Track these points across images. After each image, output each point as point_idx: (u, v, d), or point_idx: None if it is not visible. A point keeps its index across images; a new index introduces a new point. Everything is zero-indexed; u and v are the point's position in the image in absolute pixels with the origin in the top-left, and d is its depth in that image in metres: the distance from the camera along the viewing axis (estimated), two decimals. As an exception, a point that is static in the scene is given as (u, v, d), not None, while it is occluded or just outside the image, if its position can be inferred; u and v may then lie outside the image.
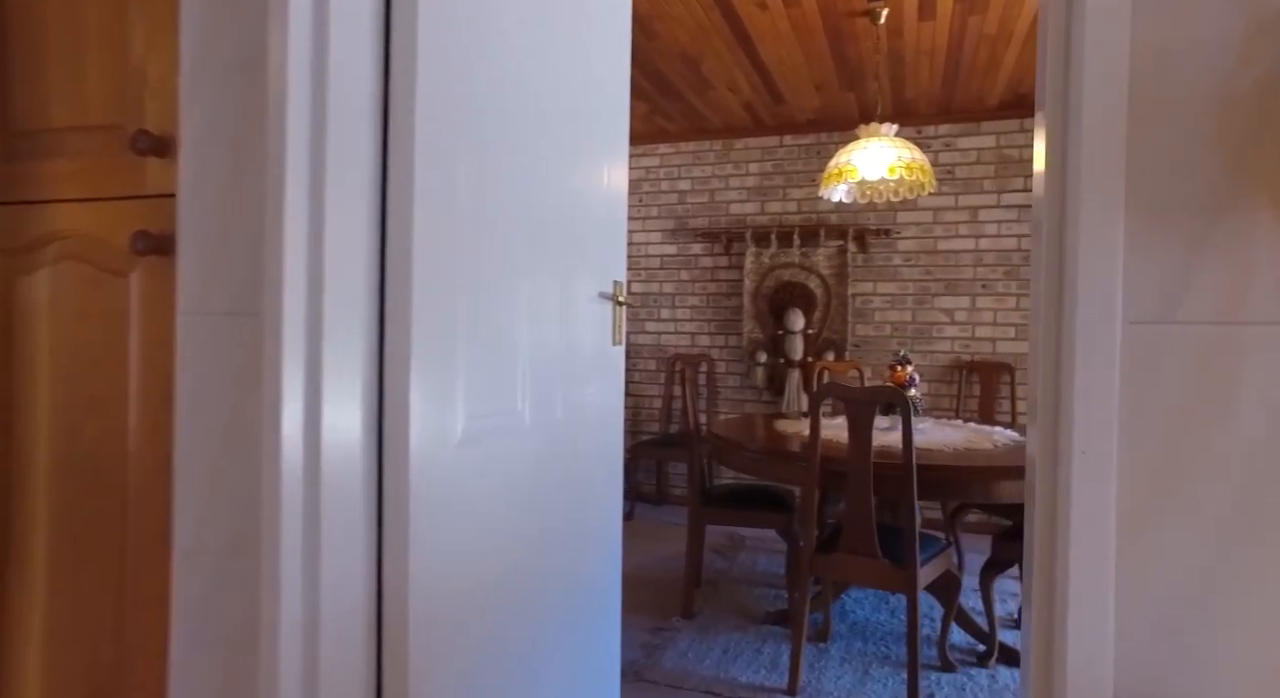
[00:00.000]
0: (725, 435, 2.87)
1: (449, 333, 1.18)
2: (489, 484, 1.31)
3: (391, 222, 1.08)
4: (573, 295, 1.61)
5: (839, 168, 2.94)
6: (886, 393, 2.26)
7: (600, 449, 1.80)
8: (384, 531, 1.07)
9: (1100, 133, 0.70)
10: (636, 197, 5.10)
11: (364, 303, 1.04)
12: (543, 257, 1.48)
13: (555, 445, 1.54)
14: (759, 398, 4.85)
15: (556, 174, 1.54)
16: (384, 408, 1.08)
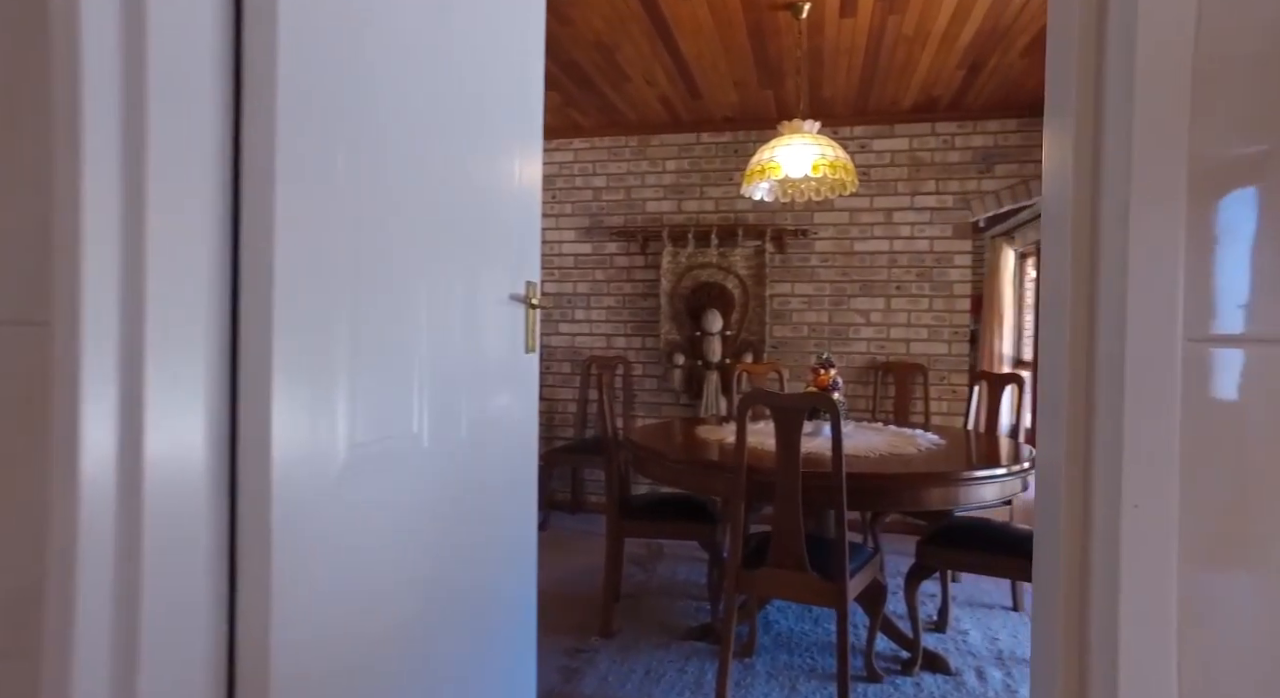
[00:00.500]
0: (644, 444, 2.72)
1: (326, 341, 0.96)
2: (381, 519, 1.10)
3: (247, 208, 0.86)
4: (480, 298, 1.42)
5: (761, 164, 2.84)
6: (816, 400, 2.17)
7: (512, 469, 1.61)
8: (238, 587, 0.85)
9: (1158, 123, 0.55)
10: (550, 193, 4.89)
11: (208, 304, 0.82)
12: (446, 255, 1.28)
13: (460, 468, 1.34)
14: (677, 401, 4.74)
15: (462, 164, 1.34)
16: (238, 433, 0.86)
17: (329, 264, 0.96)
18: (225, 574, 0.85)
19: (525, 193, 1.68)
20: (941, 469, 2.30)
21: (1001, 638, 2.89)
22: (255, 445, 0.84)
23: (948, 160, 4.32)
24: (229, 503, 0.85)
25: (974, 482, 2.26)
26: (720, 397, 4.50)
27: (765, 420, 3.19)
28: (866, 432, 3.04)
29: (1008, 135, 4.24)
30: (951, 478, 2.24)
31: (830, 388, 2.90)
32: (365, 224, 1.04)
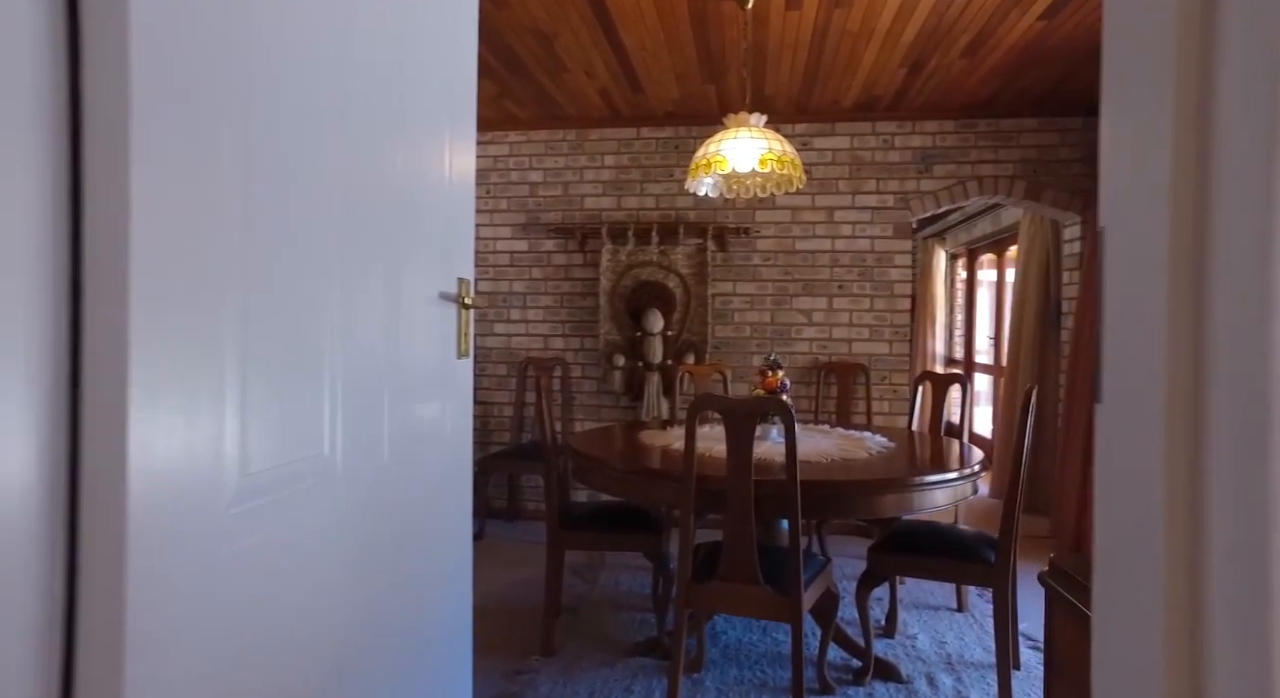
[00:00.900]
0: (586, 451, 2.58)
1: (207, 349, 0.79)
2: (286, 561, 0.92)
3: (91, 194, 0.68)
4: (406, 297, 1.25)
5: (707, 158, 2.73)
6: (769, 405, 2.07)
7: (444, 488, 1.44)
8: (76, 674, 0.67)
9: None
10: (484, 187, 4.68)
11: (34, 305, 0.64)
12: (363, 250, 1.11)
13: (383, 493, 1.17)
14: (617, 403, 4.60)
15: (383, 150, 1.17)
16: (80, 466, 0.67)
17: (209, 260, 0.79)
18: (58, 658, 0.67)
19: (458, 184, 1.52)
20: (895, 475, 2.23)
21: (949, 641, 2.87)
22: (103, 481, 0.66)
23: (888, 160, 4.32)
24: (66, 558, 0.67)
25: (927, 487, 2.20)
26: (662, 399, 4.38)
27: (711, 424, 3.09)
28: (814, 435, 2.97)
29: (945, 136, 4.27)
30: (905, 484, 2.17)
31: (779, 390, 2.82)
32: (259, 215, 0.87)
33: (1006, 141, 4.23)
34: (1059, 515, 4.16)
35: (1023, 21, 3.02)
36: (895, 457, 2.58)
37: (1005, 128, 4.22)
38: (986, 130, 4.24)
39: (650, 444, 2.78)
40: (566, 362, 4.62)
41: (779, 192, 3.00)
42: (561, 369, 4.61)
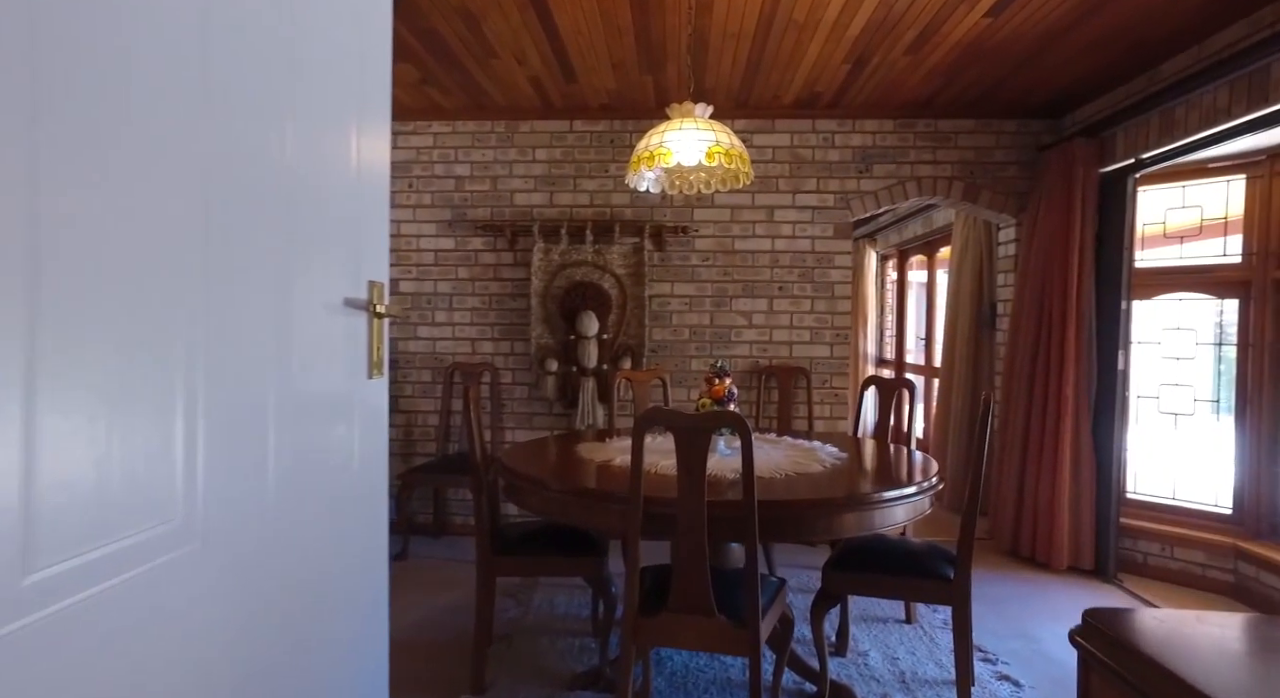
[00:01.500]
0: (520, 470, 2.34)
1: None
2: (115, 676, 0.67)
3: None
4: (300, 306, 1.00)
5: (650, 150, 2.53)
6: (724, 419, 1.88)
7: (350, 530, 1.20)
8: None
9: None
10: (406, 181, 4.36)
11: None
12: (242, 248, 0.87)
13: (268, 550, 0.92)
14: (550, 411, 4.37)
15: (269, 135, 0.93)
16: None
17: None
18: None
19: (368, 176, 1.28)
20: (855, 492, 2.09)
21: (901, 657, 2.76)
22: None
23: (828, 159, 4.23)
24: None
25: (887, 504, 2.06)
26: (598, 406, 4.17)
27: (654, 434, 2.89)
28: (763, 445, 2.81)
29: (885, 135, 4.21)
30: (866, 501, 2.03)
31: (727, 399, 2.65)
32: (63, 205, 0.62)
33: (944, 143, 4.19)
34: (997, 517, 4.16)
35: (969, 17, 2.95)
36: (850, 470, 2.44)
37: (943, 129, 4.19)
38: (925, 131, 4.19)
39: (589, 459, 2.57)
40: (496, 367, 4.35)
41: (725, 188, 2.84)
42: (491, 375, 4.34)
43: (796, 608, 3.20)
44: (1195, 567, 3.60)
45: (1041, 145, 4.11)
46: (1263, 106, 2.87)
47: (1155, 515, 3.82)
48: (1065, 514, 3.76)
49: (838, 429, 4.28)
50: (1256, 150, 3.49)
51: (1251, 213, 3.60)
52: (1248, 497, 3.58)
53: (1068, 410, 3.74)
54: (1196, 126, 3.20)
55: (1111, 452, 3.70)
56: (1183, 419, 3.82)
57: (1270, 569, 3.28)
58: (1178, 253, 3.83)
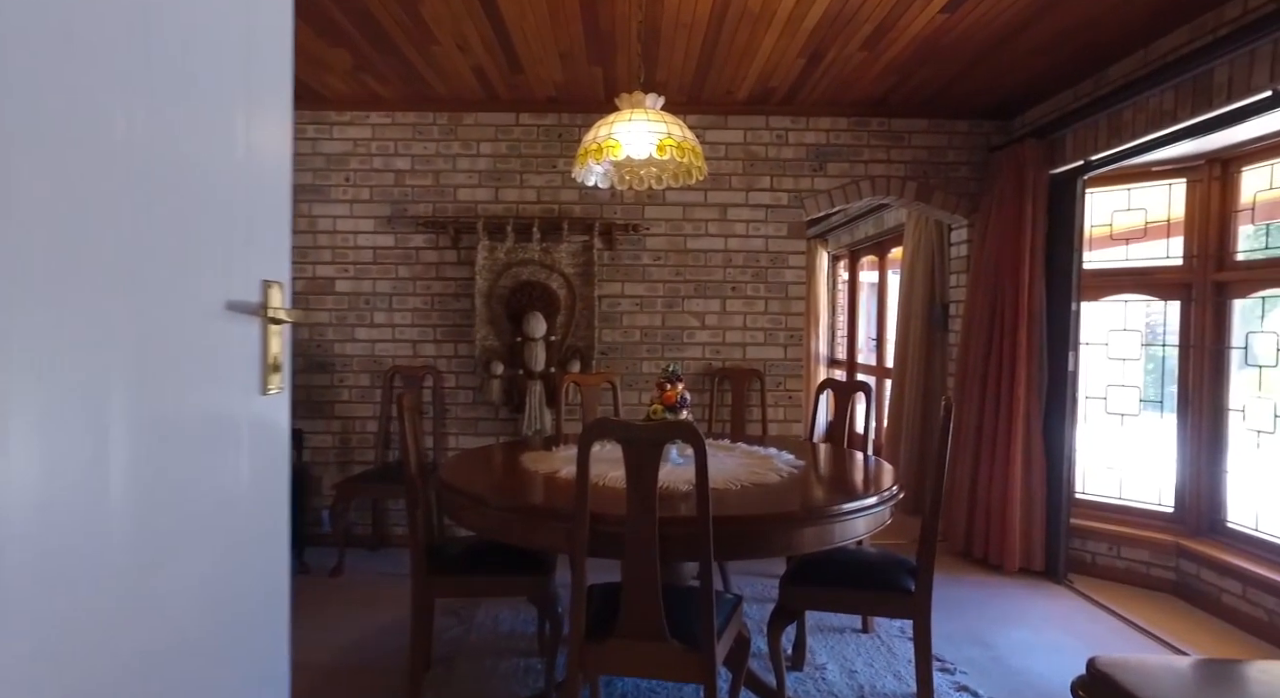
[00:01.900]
0: (458, 485, 2.17)
1: None
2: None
3: None
4: (167, 310, 0.83)
5: (598, 142, 2.39)
6: (677, 430, 1.76)
7: (240, 584, 1.02)
8: None
9: None
10: (342, 174, 4.13)
11: None
12: (78, 239, 0.69)
13: (100, 639, 0.75)
14: (495, 416, 4.19)
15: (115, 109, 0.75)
16: None
17: None
18: None
19: (261, 162, 1.10)
20: (814, 505, 1.99)
21: (859, 669, 2.68)
22: None
23: (782, 156, 4.15)
24: None
25: (847, 516, 1.96)
26: (545, 410, 4.01)
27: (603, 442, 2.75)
28: (717, 453, 2.70)
29: (839, 134, 4.15)
30: (825, 514, 1.92)
31: (679, 405, 2.52)
32: None
33: (898, 142, 4.15)
34: (949, 519, 4.14)
35: (926, 12, 2.89)
36: (808, 480, 2.34)
37: (897, 128, 4.15)
38: (879, 130, 4.15)
39: (533, 470, 2.41)
40: (438, 370, 4.15)
41: (676, 183, 2.71)
42: (433, 379, 4.13)
43: (752, 618, 3.10)
44: (1140, 565, 3.63)
45: (993, 146, 4.10)
46: (1206, 110, 2.88)
47: (1103, 515, 3.84)
48: (1017, 516, 3.75)
49: (792, 433, 4.21)
50: (1196, 155, 3.53)
51: (1191, 216, 3.65)
52: (1188, 495, 3.62)
53: (1019, 411, 3.73)
54: (1143, 129, 3.20)
55: (1062, 453, 3.70)
56: (1128, 419, 3.85)
57: (1210, 566, 3.32)
58: (1124, 255, 3.86)
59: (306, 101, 4.04)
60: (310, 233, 4.12)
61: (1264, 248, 3.33)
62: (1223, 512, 3.50)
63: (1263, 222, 3.34)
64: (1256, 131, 3.15)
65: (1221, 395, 3.53)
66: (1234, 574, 3.19)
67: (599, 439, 1.77)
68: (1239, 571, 3.16)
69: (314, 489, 4.13)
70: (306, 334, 4.13)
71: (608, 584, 2.11)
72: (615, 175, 2.75)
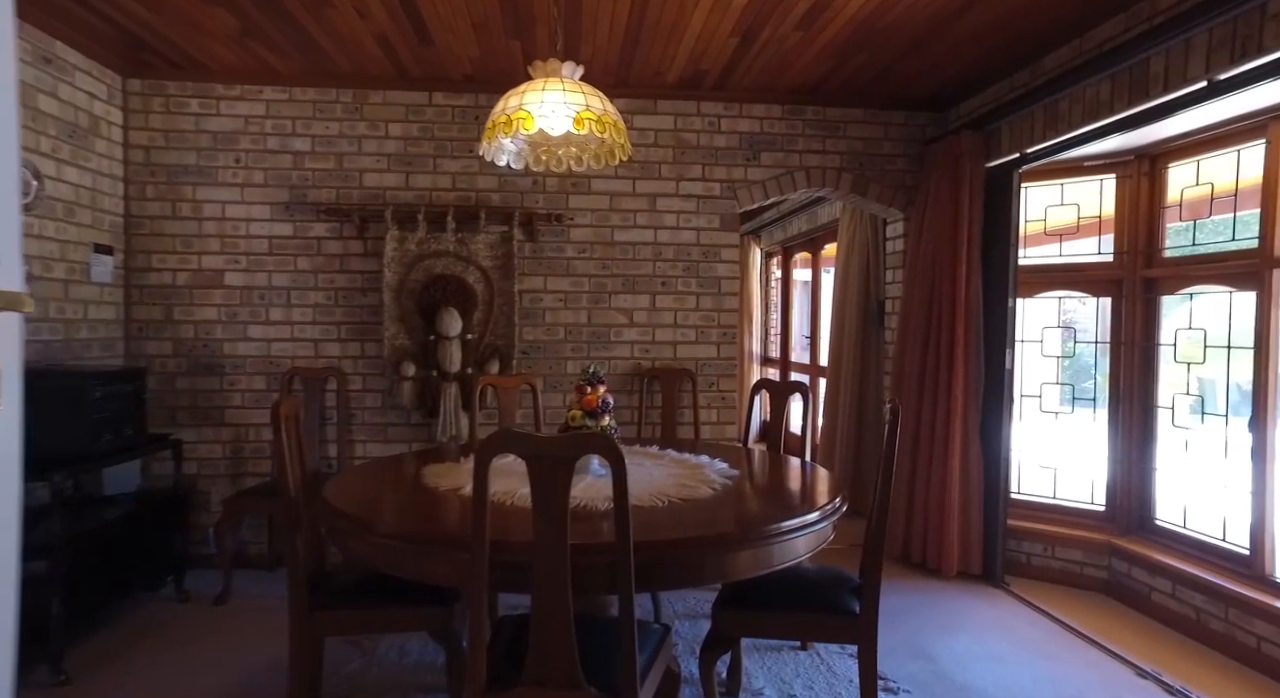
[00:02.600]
0: (341, 505, 1.87)
1: None
2: None
3: None
4: None
5: (507, 115, 2.12)
6: (591, 445, 1.50)
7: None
8: None
9: None
10: (232, 155, 3.71)
11: None
12: None
13: None
14: (407, 421, 3.85)
15: None
16: None
17: None
18: None
19: None
20: (751, 524, 1.77)
21: (798, 692, 2.48)
22: None
23: (714, 144, 3.95)
24: None
25: (787, 537, 1.75)
26: (462, 415, 3.70)
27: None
28: (643, 462, 2.46)
29: (773, 122, 3.97)
30: (763, 535, 1.71)
31: (600, 409, 2.28)
32: None
33: (833, 132, 4.01)
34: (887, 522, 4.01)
35: (864, -11, 2.72)
36: (743, 493, 2.13)
37: (832, 117, 4.00)
38: (814, 118, 3.99)
39: (434, 487, 2.12)
40: (343, 372, 3.79)
41: (598, 165, 2.46)
42: (337, 381, 3.77)
43: (683, 637, 2.88)
44: (1074, 565, 3.58)
45: (928, 139, 4.00)
46: (1143, 101, 2.80)
47: (1037, 515, 3.78)
48: (955, 519, 3.65)
49: (725, 435, 4.01)
50: (1125, 150, 3.50)
51: (1121, 212, 3.61)
52: (1119, 493, 3.59)
53: (957, 411, 3.63)
54: (1080, 121, 3.12)
55: (999, 453, 3.62)
56: (1061, 417, 3.80)
57: (1140, 565, 3.28)
58: (1057, 251, 3.81)
59: (188, 71, 3.62)
60: (195, 220, 3.69)
61: (1190, 245, 3.31)
62: (1152, 509, 3.48)
63: (1189, 219, 3.32)
64: (1183, 127, 3.11)
65: (1151, 392, 3.50)
66: (1163, 572, 3.15)
67: (500, 452, 1.50)
68: (1168, 569, 3.12)
69: (200, 505, 3.70)
70: (192, 333, 3.70)
71: (522, 616, 1.84)
72: (530, 155, 2.48)
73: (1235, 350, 3.04)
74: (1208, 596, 2.92)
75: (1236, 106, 2.80)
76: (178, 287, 3.68)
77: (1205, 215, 3.21)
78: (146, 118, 3.63)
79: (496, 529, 1.60)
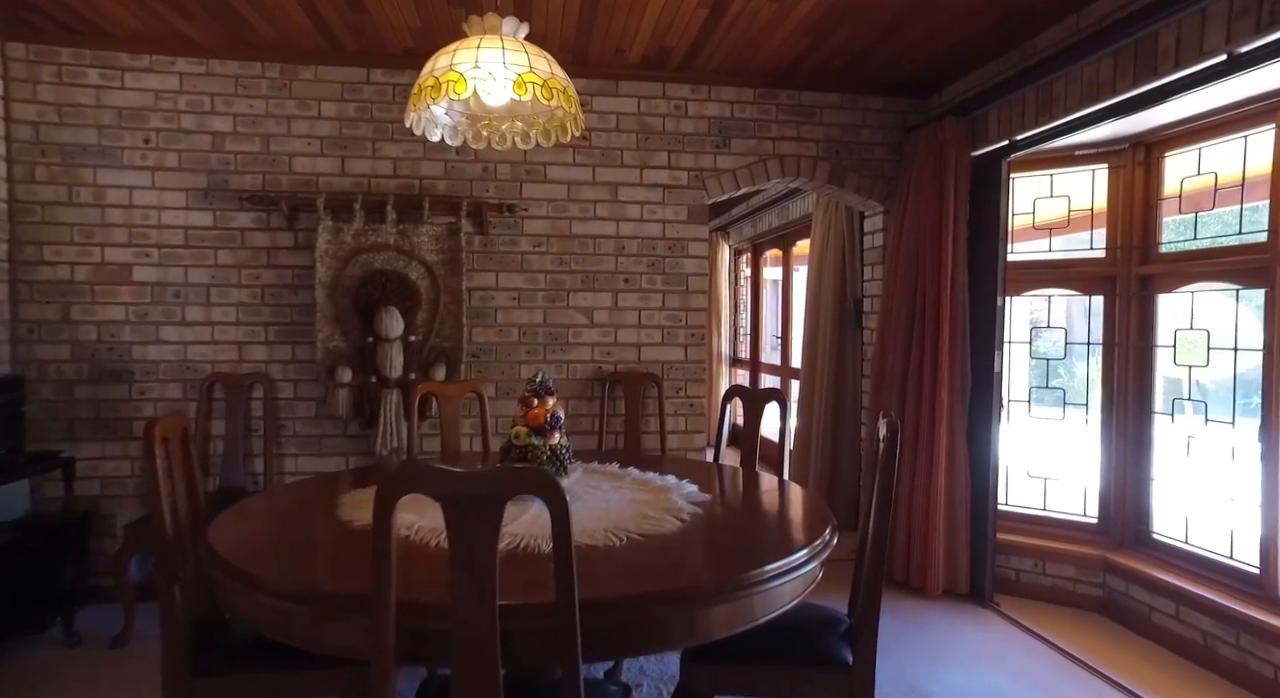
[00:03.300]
0: (224, 552, 1.51)
1: None
2: None
3: None
4: None
5: (435, 76, 1.78)
6: (523, 482, 1.18)
7: None
8: None
9: None
10: (140, 134, 3.30)
11: None
12: None
13: None
14: (344, 432, 3.47)
15: None
16: None
17: None
18: None
19: None
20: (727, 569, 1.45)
21: (776, 744, 2.18)
22: None
23: (680, 130, 3.64)
24: None
25: (771, 583, 1.44)
26: (404, 425, 3.34)
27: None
28: (601, 485, 2.14)
29: (745, 106, 3.67)
30: (743, 585, 1.40)
31: (549, 426, 1.95)
32: None
33: (809, 118, 3.73)
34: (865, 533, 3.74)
35: (847, -51, 2.43)
36: (715, 524, 1.81)
37: (808, 102, 3.72)
38: (788, 103, 3.70)
39: (351, 522, 1.77)
40: (271, 378, 3.40)
41: (547, 141, 2.13)
42: (264, 389, 3.38)
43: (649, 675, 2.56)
44: (1066, 582, 3.35)
45: (909, 126, 3.74)
46: (1150, 79, 2.56)
47: (1026, 528, 3.54)
48: (940, 533, 3.39)
49: (694, 445, 3.71)
50: (1119, 138, 3.27)
51: (1115, 204, 3.39)
52: (1113, 504, 3.37)
53: (942, 417, 3.37)
54: (1076, 104, 2.87)
55: (987, 463, 3.37)
56: (1051, 422, 3.57)
57: (1139, 583, 3.05)
58: (1045, 247, 3.58)
59: (85, 37, 3.20)
60: (96, 207, 3.27)
61: (1191, 239, 3.09)
62: (1149, 522, 3.26)
63: (1190, 211, 3.10)
64: (1182, 113, 2.89)
65: (1147, 397, 3.28)
66: (1165, 592, 2.92)
67: (409, 491, 1.17)
68: (1170, 588, 2.89)
69: (103, 530, 3.29)
70: (94, 335, 3.28)
71: (443, 681, 1.50)
72: (469, 129, 2.14)
73: (1242, 353, 2.82)
74: (1216, 619, 2.69)
75: (1244, 89, 2.58)
76: (76, 283, 3.25)
77: (1208, 208, 2.99)
78: (34, 89, 3.19)
79: (412, 584, 1.26)
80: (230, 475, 3.34)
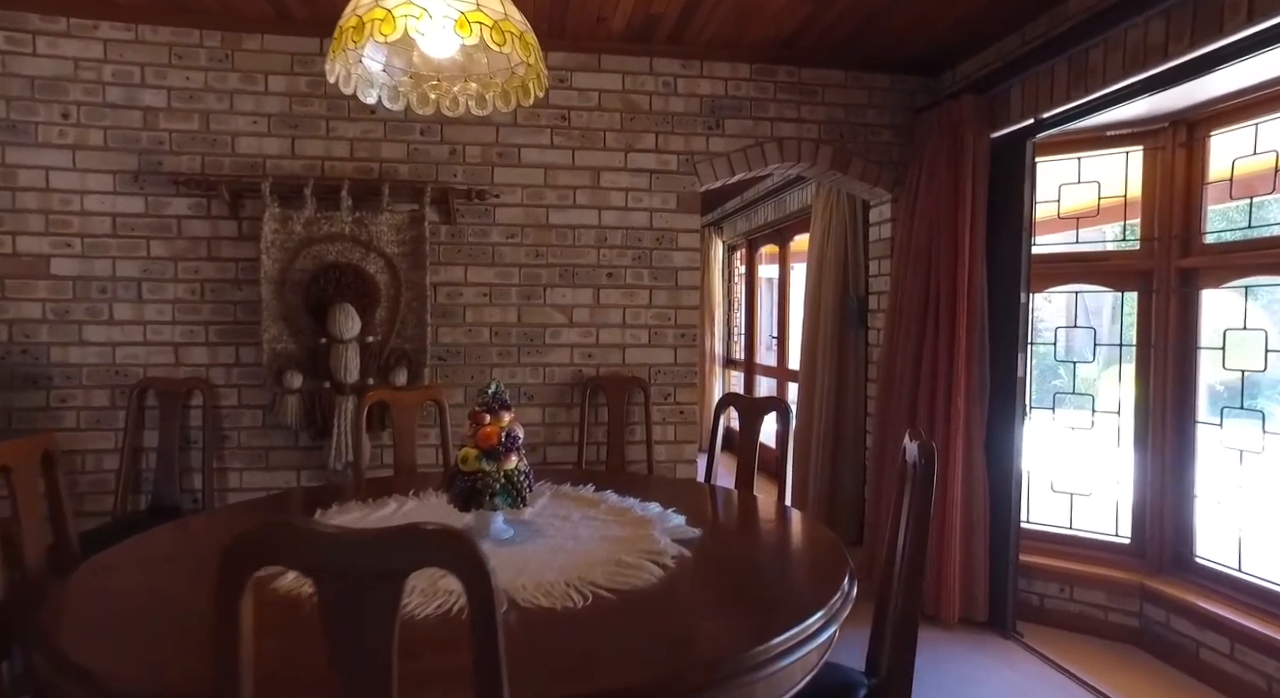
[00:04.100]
0: (58, 639, 1.15)
1: None
2: None
3: None
4: None
5: (358, 16, 1.42)
6: (429, 547, 0.82)
7: None
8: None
9: None
10: (59, 108, 2.93)
11: None
12: None
13: None
14: (294, 443, 3.11)
15: None
16: None
17: None
18: None
19: None
20: (721, 653, 1.09)
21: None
22: None
23: (669, 109, 3.29)
24: None
25: (780, 660, 1.10)
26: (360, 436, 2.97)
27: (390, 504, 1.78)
28: (570, 514, 1.78)
29: (740, 83, 3.32)
30: (745, 668, 1.05)
31: (505, 446, 1.59)
32: None
33: (810, 97, 3.38)
34: (874, 556, 3.41)
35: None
36: (706, 576, 1.46)
37: (808, 80, 3.37)
38: (787, 81, 3.36)
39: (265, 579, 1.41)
40: (212, 384, 3.04)
41: (505, 105, 1.78)
42: (204, 396, 3.02)
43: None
44: (1097, 610, 3.01)
45: (919, 107, 3.40)
46: (1214, 38, 2.20)
47: (1051, 549, 3.21)
48: (957, 554, 3.05)
49: (684, 456, 3.36)
50: (1156, 116, 2.94)
51: (1151, 190, 3.05)
52: (1149, 523, 3.03)
53: (958, 426, 3.03)
54: (1118, 73, 2.53)
55: (1009, 476, 3.03)
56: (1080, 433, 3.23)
57: (1183, 614, 2.71)
58: (1073, 238, 3.24)
59: (-7, 0, 2.82)
60: (6, 190, 2.89)
61: (1245, 227, 2.75)
62: (1191, 544, 2.92)
63: (1242, 197, 2.76)
64: (1233, 86, 2.55)
65: (1189, 404, 2.94)
66: (1216, 626, 2.59)
67: (265, 565, 0.82)
68: (1223, 622, 2.56)
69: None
70: (5, 335, 2.91)
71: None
72: (413, 91, 1.78)
73: (1304, 355, 2.49)
74: (1282, 661, 2.36)
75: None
76: (-15, 277, 2.88)
77: (1266, 191, 2.65)
78: (-71, 55, 2.83)
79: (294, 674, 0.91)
80: (165, 493, 2.98)
